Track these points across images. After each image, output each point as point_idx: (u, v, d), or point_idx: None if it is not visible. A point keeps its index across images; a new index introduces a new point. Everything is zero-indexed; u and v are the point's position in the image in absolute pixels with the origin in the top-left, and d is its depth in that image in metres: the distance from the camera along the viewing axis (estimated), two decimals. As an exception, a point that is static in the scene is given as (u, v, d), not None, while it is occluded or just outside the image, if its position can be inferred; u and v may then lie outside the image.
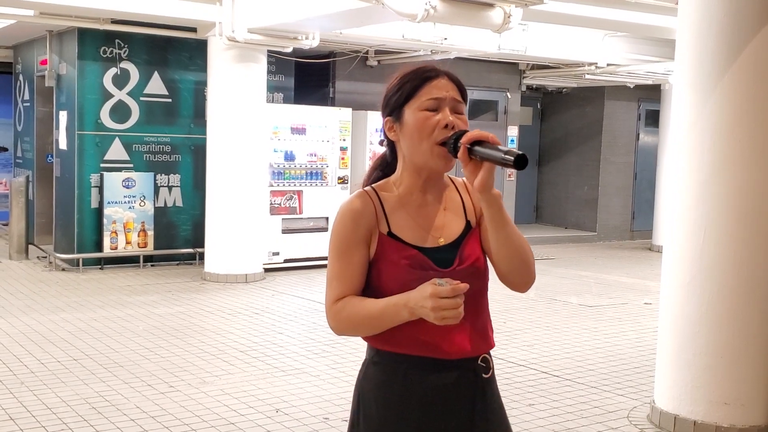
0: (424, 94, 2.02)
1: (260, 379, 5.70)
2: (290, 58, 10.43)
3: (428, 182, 2.07)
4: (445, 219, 2.08)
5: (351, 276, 2.02)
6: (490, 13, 6.66)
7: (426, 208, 2.07)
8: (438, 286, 1.83)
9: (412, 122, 2.01)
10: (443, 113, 2.00)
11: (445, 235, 2.06)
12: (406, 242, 2.02)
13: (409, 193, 2.07)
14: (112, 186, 9.87)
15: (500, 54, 11.07)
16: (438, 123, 1.99)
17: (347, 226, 2.02)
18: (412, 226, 2.05)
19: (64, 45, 10.12)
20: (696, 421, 4.68)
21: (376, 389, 2.05)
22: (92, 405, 5.06)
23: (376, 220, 2.03)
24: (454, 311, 1.82)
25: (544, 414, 5.08)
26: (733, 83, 4.55)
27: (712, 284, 4.64)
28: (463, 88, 2.08)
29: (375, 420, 2.05)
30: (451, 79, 2.06)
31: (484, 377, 2.09)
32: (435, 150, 1.99)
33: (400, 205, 2.06)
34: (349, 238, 2.02)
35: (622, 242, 14.48)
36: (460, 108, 2.04)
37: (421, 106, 2.01)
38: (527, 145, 14.78)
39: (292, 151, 10.28)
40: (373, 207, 2.04)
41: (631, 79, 12.83)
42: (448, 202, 2.10)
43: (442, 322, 1.84)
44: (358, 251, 2.02)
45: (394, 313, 1.93)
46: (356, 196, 2.07)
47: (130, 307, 7.87)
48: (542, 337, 7.09)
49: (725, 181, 4.59)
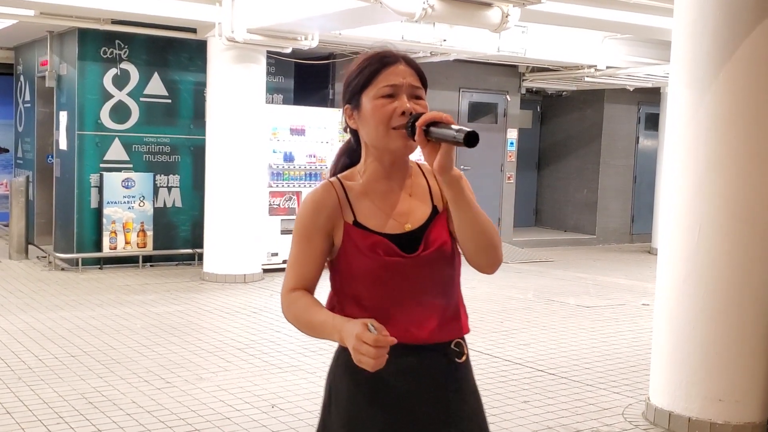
0: (381, 80, 2.01)
1: (256, 375, 5.72)
2: (290, 60, 10.46)
3: (392, 168, 2.07)
4: (411, 205, 2.08)
5: (306, 264, 2.04)
6: (488, 12, 6.68)
7: (391, 195, 2.08)
8: (367, 332, 1.81)
9: (369, 109, 2.01)
10: (400, 100, 1.99)
11: (412, 221, 2.06)
12: (372, 230, 2.03)
13: (373, 180, 2.07)
14: (112, 186, 9.89)
15: (499, 56, 11.10)
16: (395, 110, 1.99)
17: (307, 215, 2.05)
18: (377, 213, 2.05)
19: (65, 46, 10.16)
20: (691, 418, 4.69)
21: (347, 375, 2.05)
22: (89, 400, 5.07)
23: (340, 211, 2.04)
24: (369, 360, 1.80)
25: (538, 411, 5.09)
26: (728, 82, 4.57)
27: (707, 282, 4.65)
28: (421, 73, 2.06)
29: (346, 406, 2.05)
30: (408, 64, 2.05)
31: (457, 362, 2.09)
32: (392, 133, 1.99)
33: (364, 193, 2.07)
34: (308, 226, 2.04)
35: (621, 245, 14.49)
36: (419, 93, 2.04)
37: (378, 93, 2.00)
38: (527, 148, 14.81)
39: (292, 152, 10.30)
40: (336, 197, 2.05)
41: (631, 82, 12.85)
42: (414, 187, 2.10)
43: (358, 364, 1.83)
44: (316, 240, 2.04)
45: (328, 332, 1.95)
46: (320, 186, 2.09)
47: (128, 305, 7.89)
48: (539, 337, 7.10)
49: (720, 180, 4.61)
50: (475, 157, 13.02)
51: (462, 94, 13.01)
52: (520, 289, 9.54)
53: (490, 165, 13.25)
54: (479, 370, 5.91)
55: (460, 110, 12.97)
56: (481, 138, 1.87)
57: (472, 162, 13.00)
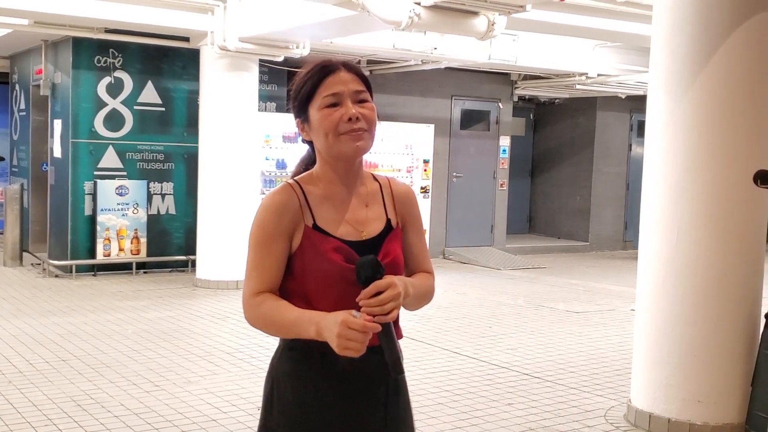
0: (323, 90, 2.05)
1: (244, 379, 5.78)
2: (282, 68, 10.55)
3: (347, 175, 2.11)
4: (367, 214, 2.13)
5: (270, 268, 2.04)
6: (474, 21, 6.77)
7: (348, 202, 2.12)
8: (352, 318, 1.86)
9: (316, 121, 2.05)
10: (345, 106, 2.03)
11: (368, 231, 2.11)
12: (332, 235, 2.06)
13: (331, 186, 2.11)
14: (106, 194, 9.97)
15: (491, 64, 11.19)
16: (341, 117, 2.03)
17: (270, 218, 2.04)
18: (337, 219, 2.09)
19: (59, 54, 10.25)
20: (670, 419, 4.75)
21: (291, 373, 2.08)
22: (78, 403, 5.14)
23: (300, 213, 2.06)
24: (357, 344, 1.85)
25: (521, 413, 5.15)
26: (705, 88, 4.66)
27: (686, 284, 4.72)
28: (364, 77, 2.10)
29: (290, 404, 2.08)
30: (349, 69, 2.08)
31: None
32: (342, 138, 2.04)
33: (324, 198, 2.09)
34: (270, 230, 2.04)
35: (614, 252, 14.57)
36: (363, 96, 2.07)
37: (322, 103, 2.04)
38: (520, 155, 14.90)
39: (284, 159, 10.38)
40: (297, 200, 2.07)
41: (622, 90, 12.95)
42: (370, 198, 2.15)
43: (342, 351, 1.86)
44: (279, 243, 2.04)
45: (302, 327, 1.96)
46: (280, 188, 2.09)
47: (120, 311, 7.95)
48: (526, 341, 7.16)
49: (698, 182, 4.69)
50: (468, 165, 13.12)
51: (454, 101, 13.09)
52: (510, 295, 9.61)
53: (482, 172, 13.33)
54: (465, 373, 6.01)
55: (452, 118, 13.06)
56: (474, 146, 1.96)
57: (465, 170, 13.10)
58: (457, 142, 13.07)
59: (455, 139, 13.05)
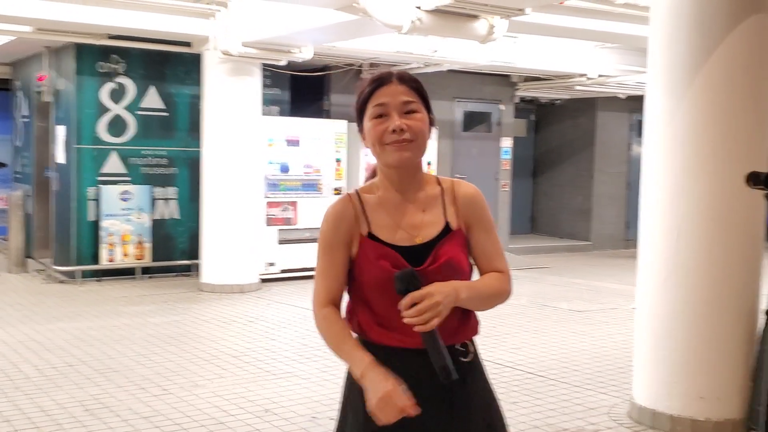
0: (372, 101, 2.14)
1: (251, 382, 5.83)
2: (285, 72, 10.60)
3: (401, 182, 2.18)
4: (423, 219, 2.18)
5: (334, 274, 2.18)
6: (475, 24, 6.83)
7: (403, 208, 2.18)
8: (398, 394, 1.97)
9: (367, 131, 2.16)
10: (391, 118, 2.11)
11: (422, 235, 2.15)
12: (383, 241, 2.14)
13: (387, 193, 2.19)
14: (110, 199, 10.02)
15: (491, 66, 11.25)
16: (386, 129, 2.11)
17: (328, 228, 2.18)
18: (390, 225, 2.17)
19: (62, 60, 10.31)
20: (673, 416, 4.80)
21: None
22: (86, 407, 5.19)
23: (356, 222, 2.16)
24: (389, 417, 1.98)
25: (526, 411, 5.20)
26: (703, 88, 4.70)
27: (687, 282, 4.77)
28: (416, 87, 2.16)
29: (362, 411, 2.10)
30: (401, 81, 2.15)
31: (462, 360, 2.17)
32: (387, 149, 2.12)
33: (379, 205, 2.18)
34: (330, 239, 2.17)
35: (616, 251, 14.60)
36: (412, 107, 2.13)
37: (371, 114, 2.14)
38: (522, 156, 14.94)
39: (288, 163, 10.44)
40: (352, 210, 2.17)
41: (622, 90, 13.00)
42: (428, 203, 2.20)
43: (374, 413, 1.99)
44: (339, 251, 2.17)
45: (352, 363, 2.09)
46: (339, 199, 2.23)
47: (126, 316, 8.01)
48: (530, 340, 7.21)
49: (697, 183, 4.74)
50: (471, 166, 13.17)
51: (456, 103, 13.15)
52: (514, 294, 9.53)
53: (485, 173, 13.36)
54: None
55: (455, 120, 13.12)
56: (476, 147, 2.01)
57: (468, 170, 13.13)
58: (459, 144, 13.12)
59: (458, 141, 13.11)
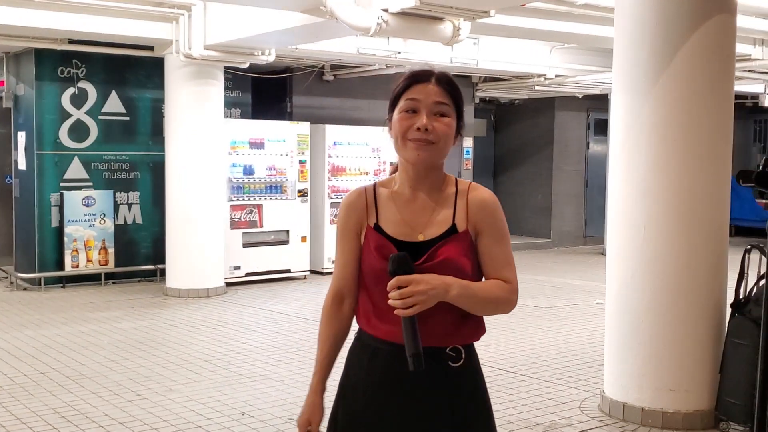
0: (405, 96, 2.16)
1: (225, 385, 5.85)
2: (247, 74, 10.59)
3: (417, 178, 2.21)
4: (431, 217, 2.19)
5: (344, 261, 2.28)
6: (440, 26, 6.91)
7: (413, 204, 2.21)
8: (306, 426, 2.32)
9: (394, 121, 2.19)
10: (420, 115, 2.13)
11: (426, 233, 2.17)
12: (387, 234, 2.19)
13: (401, 188, 2.23)
14: (72, 205, 9.92)
15: (453, 67, 11.34)
16: (412, 125, 2.13)
17: (341, 217, 2.29)
18: (397, 219, 2.20)
19: (21, 66, 10.18)
20: (643, 408, 4.93)
21: (363, 366, 2.26)
22: (61, 414, 5.16)
23: (366, 213, 2.23)
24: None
25: (499, 407, 5.29)
26: (667, 88, 4.85)
27: (653, 278, 4.91)
28: (452, 91, 2.17)
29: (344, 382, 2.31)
30: (439, 82, 2.16)
31: (452, 365, 2.16)
32: (409, 144, 2.15)
33: (391, 199, 2.23)
34: (342, 227, 2.28)
35: (575, 248, 14.85)
36: (443, 110, 2.15)
37: (401, 107, 2.17)
38: (483, 156, 15.11)
39: (251, 166, 10.44)
40: (364, 201, 2.24)
41: (579, 89, 13.23)
42: (440, 202, 2.21)
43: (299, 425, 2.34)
44: (349, 240, 2.26)
45: (313, 372, 2.36)
46: (354, 190, 2.31)
47: (93, 322, 7.95)
48: (498, 337, 7.32)
49: (662, 181, 4.88)
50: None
51: (417, 104, 13.21)
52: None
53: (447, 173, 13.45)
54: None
55: (415, 120, 13.18)
56: None
57: (429, 171, 13.23)
58: (420, 144, 13.17)
59: (419, 142, 13.15)
